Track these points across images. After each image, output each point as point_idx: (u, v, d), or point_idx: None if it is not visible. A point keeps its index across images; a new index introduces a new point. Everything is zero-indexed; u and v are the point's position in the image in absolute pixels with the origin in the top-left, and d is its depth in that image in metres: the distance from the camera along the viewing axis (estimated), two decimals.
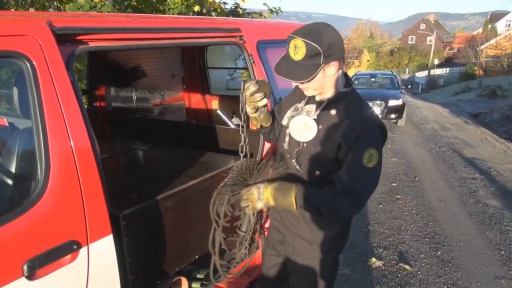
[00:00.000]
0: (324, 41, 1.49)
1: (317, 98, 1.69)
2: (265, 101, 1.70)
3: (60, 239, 1.35)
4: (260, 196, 1.65)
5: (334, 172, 1.61)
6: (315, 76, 1.53)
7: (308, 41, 1.49)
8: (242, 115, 1.81)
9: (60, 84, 1.37)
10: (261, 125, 1.84)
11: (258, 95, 1.67)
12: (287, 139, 1.75)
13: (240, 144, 1.86)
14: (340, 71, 1.62)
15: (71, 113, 1.39)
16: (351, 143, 1.55)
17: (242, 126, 1.85)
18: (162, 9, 5.11)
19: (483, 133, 10.43)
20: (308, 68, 1.52)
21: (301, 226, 1.77)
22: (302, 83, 1.59)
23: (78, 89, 1.45)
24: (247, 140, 1.87)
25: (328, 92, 1.65)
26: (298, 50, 1.51)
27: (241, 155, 1.86)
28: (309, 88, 1.62)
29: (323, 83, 1.60)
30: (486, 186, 5.69)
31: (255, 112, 1.75)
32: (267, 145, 2.28)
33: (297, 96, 1.81)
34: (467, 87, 26.32)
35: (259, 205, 1.66)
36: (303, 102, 1.74)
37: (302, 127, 1.63)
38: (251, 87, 1.66)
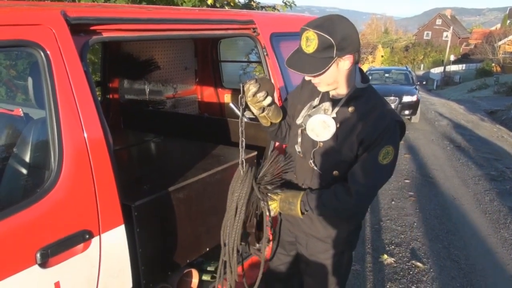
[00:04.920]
0: (338, 33, 1.42)
1: (332, 95, 1.63)
2: (269, 99, 1.58)
3: (72, 228, 1.35)
4: (270, 207, 1.69)
5: None
6: (326, 70, 1.46)
7: (321, 33, 1.41)
8: (240, 126, 1.60)
9: (74, 74, 1.38)
10: (271, 122, 1.74)
11: (261, 95, 1.54)
12: (299, 139, 1.68)
13: (240, 160, 1.65)
14: (356, 65, 1.56)
15: (85, 103, 1.39)
16: (372, 140, 1.52)
17: (242, 141, 1.64)
18: (176, 1, 5.10)
19: (500, 130, 10.23)
20: (320, 61, 1.45)
21: (314, 225, 1.73)
22: (314, 77, 1.52)
23: (92, 80, 1.45)
24: (243, 154, 1.66)
25: (343, 88, 1.58)
26: (310, 42, 1.44)
27: (242, 171, 1.65)
28: (322, 83, 1.55)
29: (337, 78, 1.53)
30: (502, 184, 5.58)
31: (262, 112, 1.64)
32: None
33: (306, 92, 1.73)
34: (483, 84, 25.81)
35: (270, 214, 1.71)
36: (317, 100, 1.67)
37: (321, 126, 1.57)
38: (251, 88, 1.53)
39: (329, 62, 1.45)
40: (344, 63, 1.49)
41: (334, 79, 1.53)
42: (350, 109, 1.57)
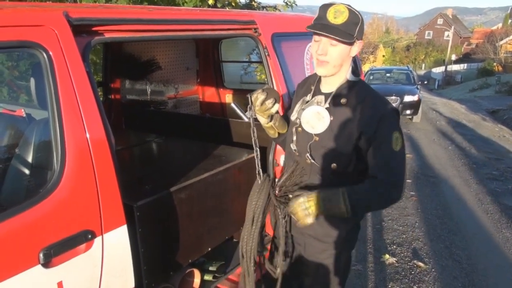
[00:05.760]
0: (360, 15, 1.50)
1: (324, 89, 1.66)
2: (277, 106, 1.65)
3: (75, 228, 1.36)
4: (307, 212, 1.51)
5: (352, 162, 1.59)
6: (353, 43, 1.51)
7: (351, 8, 1.49)
8: (252, 136, 1.68)
9: (76, 75, 1.38)
10: (278, 133, 1.81)
11: (269, 102, 1.61)
12: (294, 137, 1.70)
13: (257, 171, 1.68)
14: (351, 58, 1.61)
15: (87, 104, 1.40)
16: (372, 131, 1.53)
17: (257, 151, 1.69)
18: (177, 2, 5.11)
19: (501, 130, 10.21)
20: (345, 33, 1.48)
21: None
22: (340, 42, 1.49)
23: (94, 80, 1.46)
24: (260, 165, 1.70)
25: (339, 78, 1.61)
26: (339, 14, 1.48)
27: (259, 181, 1.68)
28: (330, 64, 1.55)
29: (344, 61, 1.56)
30: (504, 184, 5.58)
31: (270, 121, 1.71)
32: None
33: (301, 94, 1.77)
34: (485, 83, 25.74)
35: (309, 221, 1.53)
36: (309, 95, 1.70)
37: (315, 117, 1.59)
38: (260, 96, 1.60)
39: (352, 39, 1.50)
40: (354, 48, 1.55)
41: (342, 61, 1.56)
42: (343, 100, 1.59)
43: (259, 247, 1.68)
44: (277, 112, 1.70)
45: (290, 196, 1.63)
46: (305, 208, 1.52)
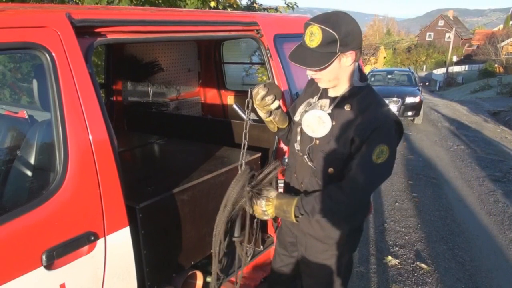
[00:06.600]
0: (342, 28, 1.43)
1: (331, 93, 1.64)
2: (277, 103, 1.64)
3: (78, 230, 1.36)
4: (265, 213, 1.64)
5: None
6: (329, 65, 1.47)
7: (325, 28, 1.43)
8: (244, 128, 1.70)
9: (79, 76, 1.38)
10: (278, 128, 1.80)
11: (269, 98, 1.60)
12: (298, 137, 1.70)
13: (239, 163, 1.73)
14: (356, 63, 1.56)
15: (90, 105, 1.40)
16: (365, 137, 1.50)
17: (245, 144, 1.73)
18: (178, 4, 5.12)
19: (503, 131, 10.20)
20: (323, 55, 1.46)
21: (312, 226, 1.73)
22: (316, 71, 1.51)
23: (96, 82, 1.46)
24: (245, 156, 1.75)
25: (343, 86, 1.59)
26: (314, 37, 1.45)
27: (240, 171, 1.73)
28: (323, 79, 1.55)
29: (338, 74, 1.53)
30: (506, 186, 5.56)
31: (269, 116, 1.71)
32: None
33: (309, 92, 1.76)
34: (486, 84, 25.75)
35: (266, 218, 1.68)
36: (316, 97, 1.69)
37: (316, 122, 1.58)
38: (260, 91, 1.60)
39: (332, 57, 1.46)
40: (347, 60, 1.50)
41: (336, 75, 1.54)
42: (347, 106, 1.57)
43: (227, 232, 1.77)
44: (278, 107, 1.69)
45: (262, 192, 1.66)
46: (263, 210, 1.64)
